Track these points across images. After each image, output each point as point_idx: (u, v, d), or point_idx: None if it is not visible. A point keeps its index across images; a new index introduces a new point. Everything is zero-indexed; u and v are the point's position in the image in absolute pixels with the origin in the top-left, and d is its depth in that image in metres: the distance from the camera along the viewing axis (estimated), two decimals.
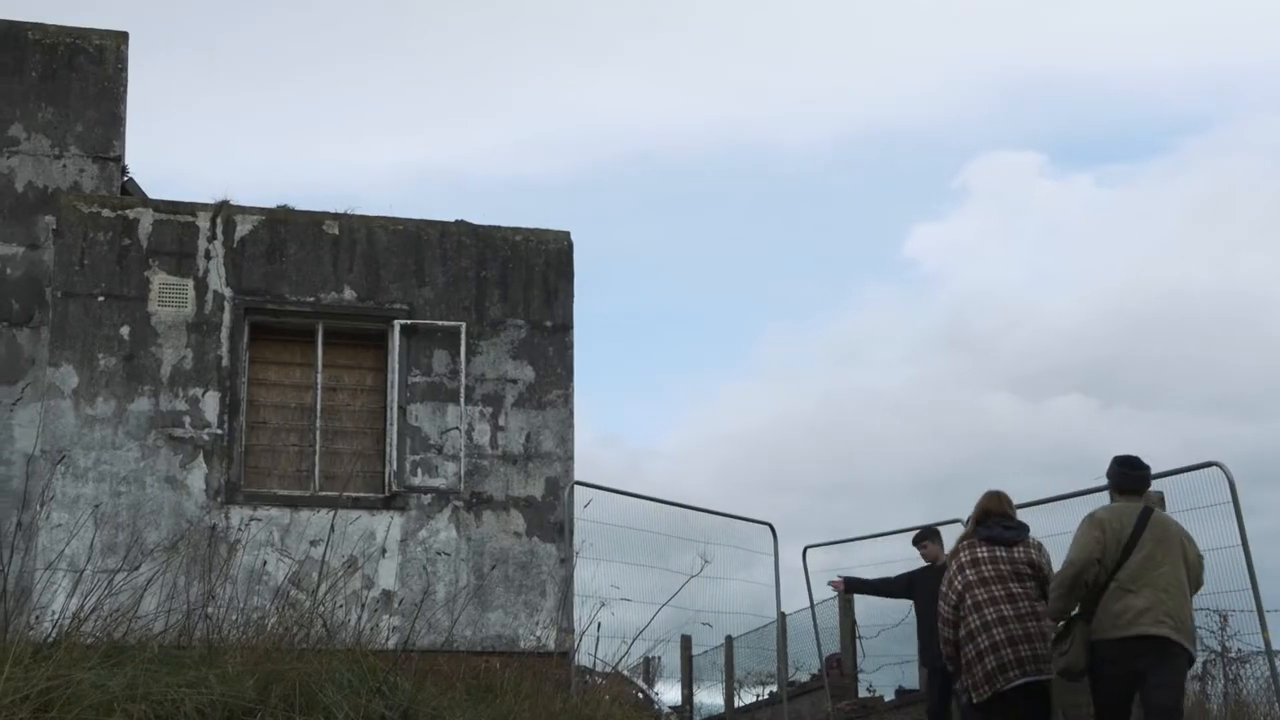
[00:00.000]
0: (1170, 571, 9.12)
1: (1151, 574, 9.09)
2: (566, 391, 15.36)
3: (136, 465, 14.27)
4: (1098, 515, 9.47)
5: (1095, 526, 9.33)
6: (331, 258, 15.05)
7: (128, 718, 7.59)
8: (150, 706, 7.77)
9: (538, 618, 14.88)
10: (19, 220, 14.96)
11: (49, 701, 7.10)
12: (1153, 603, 9.01)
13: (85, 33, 15.42)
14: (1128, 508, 9.41)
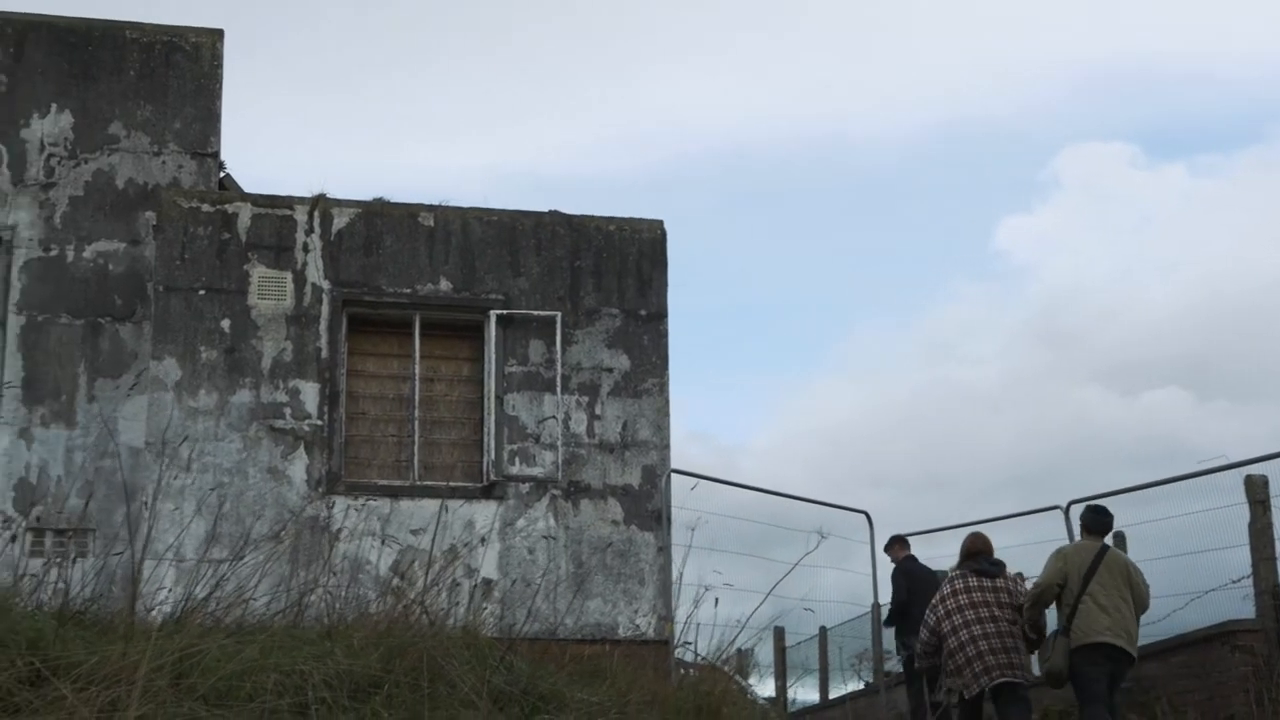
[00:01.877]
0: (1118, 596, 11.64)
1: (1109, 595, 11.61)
2: (662, 380, 15.37)
3: (239, 457, 14.41)
4: (1064, 550, 12.13)
5: (1060, 559, 11.91)
6: (427, 249, 15.15)
7: (259, 689, 7.67)
8: (280, 676, 7.85)
9: (636, 606, 14.89)
10: (120, 217, 15.14)
11: (184, 671, 7.20)
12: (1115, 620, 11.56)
13: (181, 31, 15.60)
14: (1090, 545, 11.93)
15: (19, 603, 8.16)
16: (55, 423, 14.65)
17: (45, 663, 7.16)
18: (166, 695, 7.10)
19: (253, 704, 7.57)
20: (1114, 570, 11.70)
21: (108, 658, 7.32)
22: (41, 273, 14.90)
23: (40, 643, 7.46)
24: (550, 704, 9.12)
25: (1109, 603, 11.56)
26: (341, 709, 8.00)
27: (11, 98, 15.13)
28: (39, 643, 7.47)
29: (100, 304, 14.94)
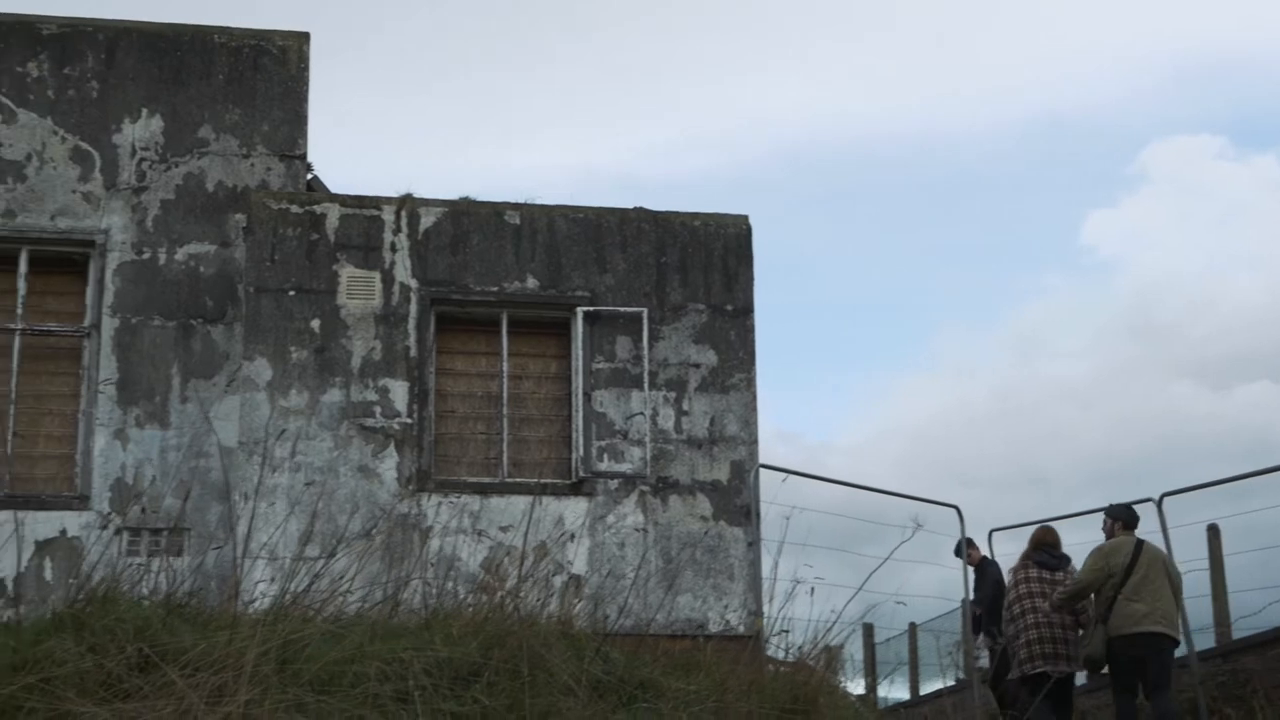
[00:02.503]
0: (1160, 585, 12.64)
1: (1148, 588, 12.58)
2: (749, 375, 15.36)
3: (330, 455, 14.53)
4: (1104, 549, 13.01)
5: (1100, 558, 12.90)
6: (514, 247, 15.21)
7: (362, 676, 7.74)
8: (381, 664, 7.91)
9: (726, 601, 14.87)
10: (210, 219, 15.31)
11: (288, 658, 7.27)
12: (1151, 608, 12.52)
13: (269, 35, 15.76)
14: (1126, 540, 12.96)
15: (125, 593, 8.27)
16: (150, 424, 14.83)
17: (153, 650, 7.25)
18: (272, 681, 7.17)
19: (356, 689, 7.63)
20: (1151, 562, 12.75)
21: (214, 645, 7.40)
22: (134, 276, 15.08)
23: (147, 631, 7.56)
24: (647, 693, 9.14)
25: (1146, 593, 12.60)
26: (442, 697, 8.05)
27: (103, 103, 15.34)
28: (145, 631, 7.57)
29: (192, 306, 15.11)
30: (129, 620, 7.65)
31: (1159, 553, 13.08)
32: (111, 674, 7.12)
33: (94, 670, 7.09)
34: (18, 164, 15.11)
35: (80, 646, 7.22)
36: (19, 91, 15.23)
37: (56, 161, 15.18)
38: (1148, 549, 12.86)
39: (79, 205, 15.16)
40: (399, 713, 7.72)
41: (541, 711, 8.09)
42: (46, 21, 15.44)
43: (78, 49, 15.41)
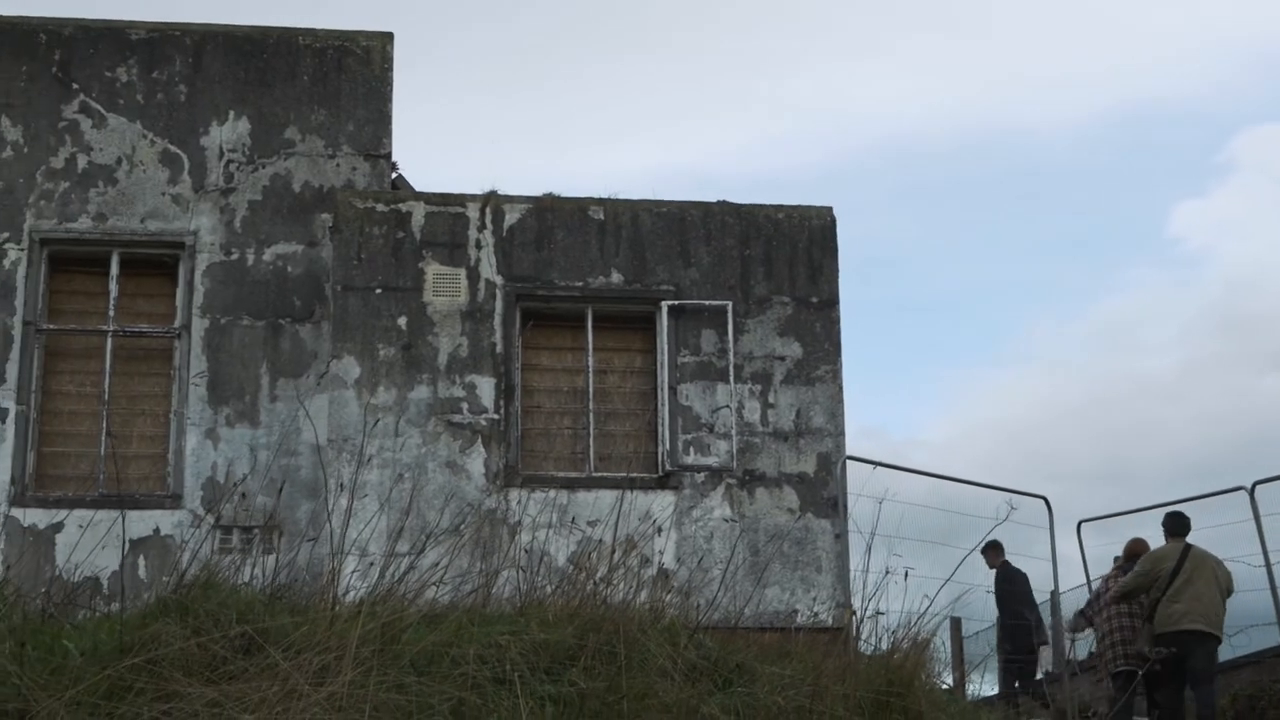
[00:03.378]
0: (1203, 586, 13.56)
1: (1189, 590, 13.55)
2: (835, 367, 15.32)
3: (418, 452, 14.62)
4: (1153, 555, 14.09)
5: (1150, 562, 13.98)
6: (598, 242, 15.26)
7: (461, 658, 7.80)
8: (479, 648, 7.96)
9: (814, 594, 14.84)
10: (297, 219, 15.46)
11: (385, 642, 7.34)
12: (1190, 607, 13.47)
13: (352, 35, 15.90)
14: (1174, 547, 13.91)
15: (224, 580, 8.37)
16: (240, 422, 14.99)
17: (256, 632, 7.33)
18: (373, 663, 7.23)
19: (456, 671, 7.69)
20: (1198, 565, 13.66)
21: (316, 627, 7.48)
22: (223, 276, 15.25)
23: (249, 616, 7.65)
24: (742, 677, 9.14)
25: (1187, 594, 13.55)
26: (539, 680, 8.09)
27: (191, 106, 15.53)
28: (248, 616, 7.66)
29: (280, 305, 15.26)
30: (231, 605, 7.76)
31: (1207, 557, 13.93)
32: (215, 656, 7.22)
33: (198, 652, 7.19)
34: (108, 168, 15.33)
35: (184, 630, 7.32)
36: (109, 96, 15.45)
37: (146, 165, 15.39)
38: (1195, 553, 13.82)
39: (168, 208, 15.35)
40: (497, 695, 7.76)
41: (638, 694, 8.12)
42: (135, 27, 15.65)
43: (165, 53, 15.61)
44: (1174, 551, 13.89)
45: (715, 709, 8.33)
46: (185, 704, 6.70)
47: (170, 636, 7.21)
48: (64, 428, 15.10)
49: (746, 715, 8.48)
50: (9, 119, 15.31)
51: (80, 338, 15.23)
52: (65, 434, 15.09)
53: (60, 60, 15.47)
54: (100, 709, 6.64)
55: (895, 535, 15.05)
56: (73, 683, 6.70)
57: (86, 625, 8.29)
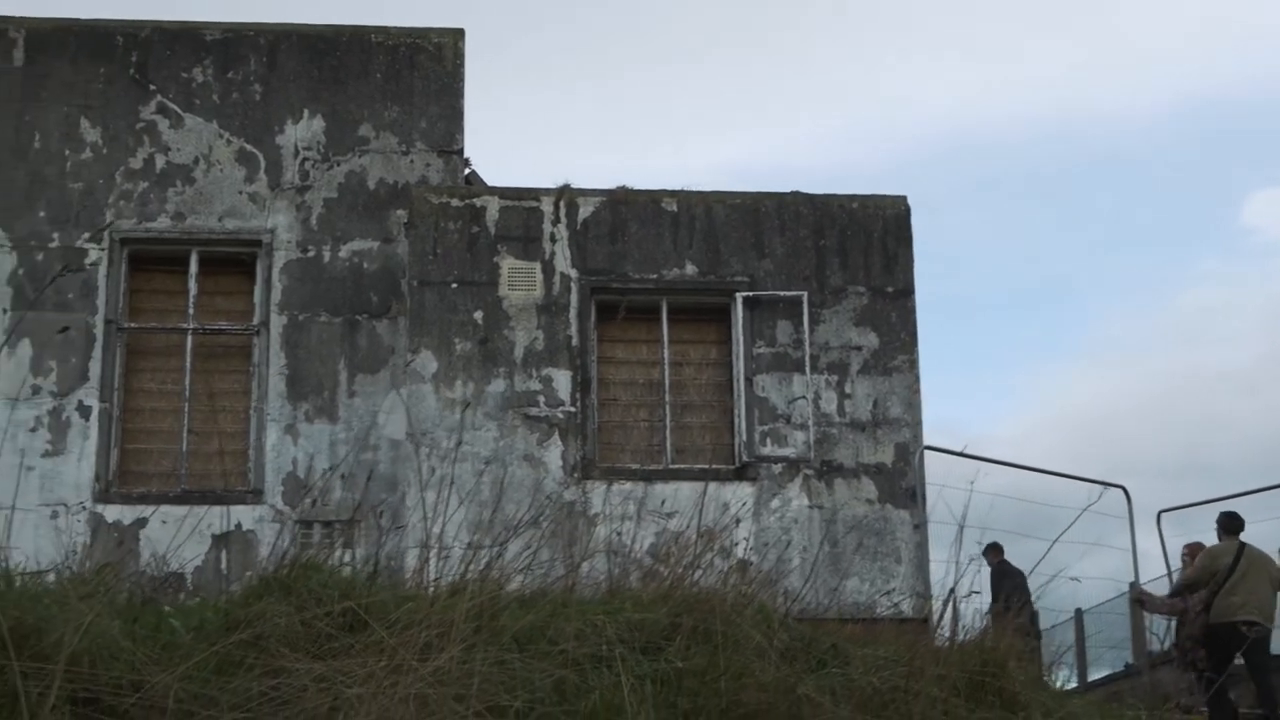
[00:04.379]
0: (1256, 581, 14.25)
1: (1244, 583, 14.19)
2: (911, 356, 15.27)
3: (496, 445, 14.67)
4: (1211, 551, 14.71)
5: (1209, 558, 14.59)
6: (672, 234, 15.28)
7: (560, 636, 7.82)
8: (578, 626, 7.99)
9: (894, 584, 14.78)
10: (372, 216, 15.55)
11: (480, 625, 7.37)
12: (1246, 600, 14.13)
13: (424, 32, 15.99)
14: (1230, 545, 14.48)
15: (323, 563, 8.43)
16: (319, 418, 15.09)
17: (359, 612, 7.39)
18: (476, 640, 7.27)
19: (555, 649, 7.71)
20: (1252, 561, 14.36)
21: (419, 605, 7.53)
22: (300, 273, 15.36)
23: (351, 594, 7.70)
24: (836, 658, 9.12)
25: (1242, 588, 14.19)
26: (635, 659, 8.09)
27: (266, 105, 15.66)
28: (349, 594, 7.71)
29: (356, 301, 15.35)
30: (334, 585, 7.81)
31: (1261, 554, 14.65)
32: (319, 633, 7.27)
33: (302, 629, 7.24)
34: (186, 167, 15.47)
35: (288, 607, 7.38)
36: (185, 97, 15.60)
37: (223, 164, 15.52)
38: (1249, 551, 14.49)
39: (245, 206, 15.48)
40: (595, 673, 7.78)
41: (736, 672, 8.11)
42: (210, 28, 15.80)
43: (240, 53, 15.75)
44: (1230, 548, 14.49)
45: (811, 689, 8.30)
46: (293, 679, 6.75)
47: (275, 614, 7.27)
48: (146, 425, 15.25)
49: (842, 695, 8.45)
50: (88, 120, 15.48)
51: (161, 336, 15.37)
52: (147, 431, 15.24)
53: (137, 62, 15.63)
54: (211, 684, 6.71)
55: (975, 526, 15.04)
56: (183, 659, 6.76)
57: (190, 606, 8.37)
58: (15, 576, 7.47)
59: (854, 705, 8.36)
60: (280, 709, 6.67)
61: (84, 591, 7.15)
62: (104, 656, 6.58)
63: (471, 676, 6.95)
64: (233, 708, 6.60)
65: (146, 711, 6.43)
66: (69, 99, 15.50)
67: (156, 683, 6.48)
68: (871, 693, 8.62)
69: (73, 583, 7.85)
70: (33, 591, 7.25)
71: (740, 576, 14.17)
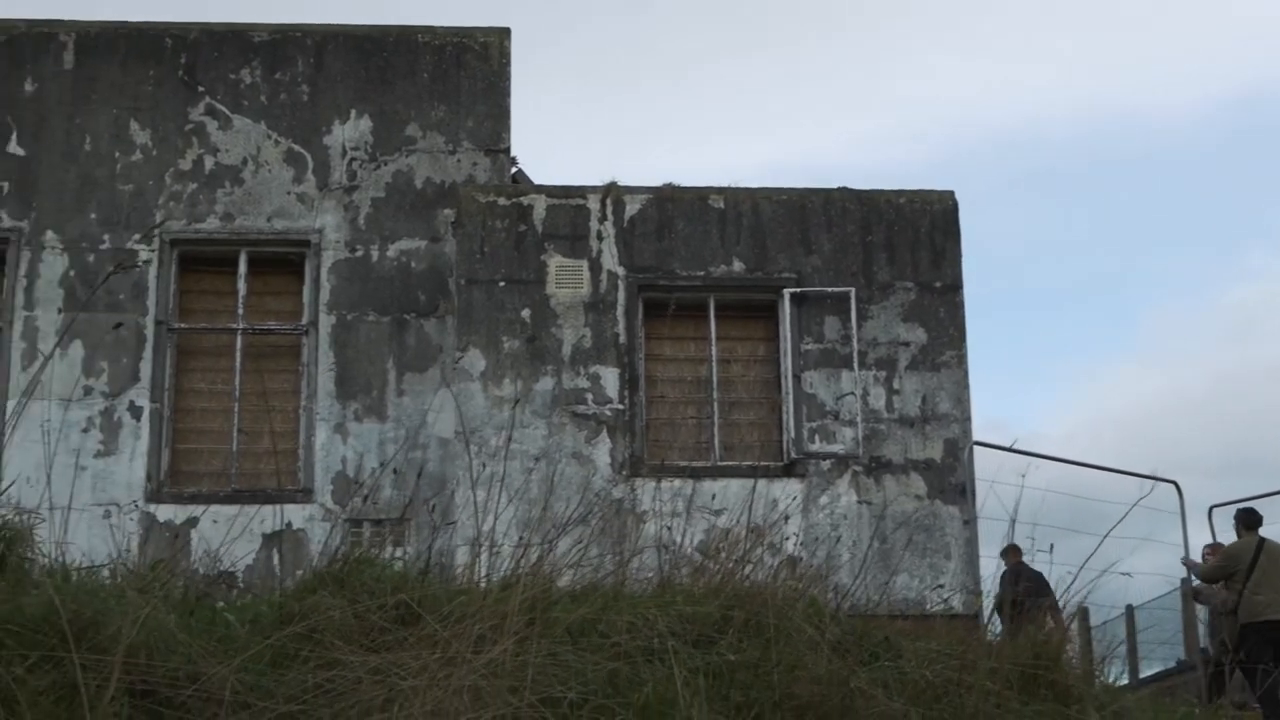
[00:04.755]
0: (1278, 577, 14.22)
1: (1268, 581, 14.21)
2: (960, 352, 15.22)
3: (544, 443, 14.69)
4: (1230, 550, 14.88)
5: (1226, 557, 14.81)
6: (719, 231, 15.28)
7: (612, 628, 7.82)
8: (630, 619, 7.99)
9: (943, 580, 14.73)
10: (419, 215, 15.61)
11: (532, 619, 7.38)
12: (1273, 599, 14.14)
13: (470, 32, 16.04)
14: (1250, 541, 14.55)
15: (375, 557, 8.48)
16: (368, 417, 15.14)
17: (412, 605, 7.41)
18: (530, 633, 7.27)
19: (608, 640, 7.72)
20: (1273, 557, 14.35)
21: (471, 599, 7.54)
22: (348, 273, 15.42)
23: (404, 588, 7.73)
24: (888, 652, 9.10)
25: (1266, 586, 14.23)
26: (687, 652, 8.09)
27: (314, 106, 15.74)
28: (402, 588, 7.74)
29: (404, 301, 15.41)
30: (386, 579, 7.85)
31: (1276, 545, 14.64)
32: (373, 626, 7.29)
33: (356, 623, 7.27)
34: (234, 168, 15.56)
35: (341, 601, 7.41)
36: (233, 98, 15.69)
37: (271, 164, 15.61)
38: (1269, 546, 14.49)
39: (293, 206, 15.56)
40: (648, 665, 7.78)
41: (789, 665, 8.09)
42: (257, 29, 15.89)
43: (287, 54, 15.83)
44: (1250, 544, 14.60)
45: (864, 682, 8.27)
46: (347, 671, 6.77)
47: (329, 607, 7.30)
48: (196, 425, 15.34)
49: (895, 688, 8.42)
50: (137, 122, 15.59)
51: (210, 336, 15.47)
52: (198, 431, 15.33)
53: (186, 64, 15.74)
54: (266, 676, 6.74)
55: (1025, 521, 14.97)
56: (238, 651, 6.80)
57: (244, 602, 8.42)
58: (72, 571, 7.53)
59: (907, 698, 8.32)
60: (335, 701, 6.70)
61: (139, 585, 7.19)
62: (161, 649, 6.62)
63: (525, 668, 6.96)
64: (288, 699, 6.63)
65: (203, 703, 6.47)
66: (119, 101, 15.63)
67: (213, 675, 6.52)
68: (924, 686, 8.58)
69: (128, 578, 7.92)
70: (89, 586, 7.31)
71: (790, 572, 14.20)
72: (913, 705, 8.27)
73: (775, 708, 7.86)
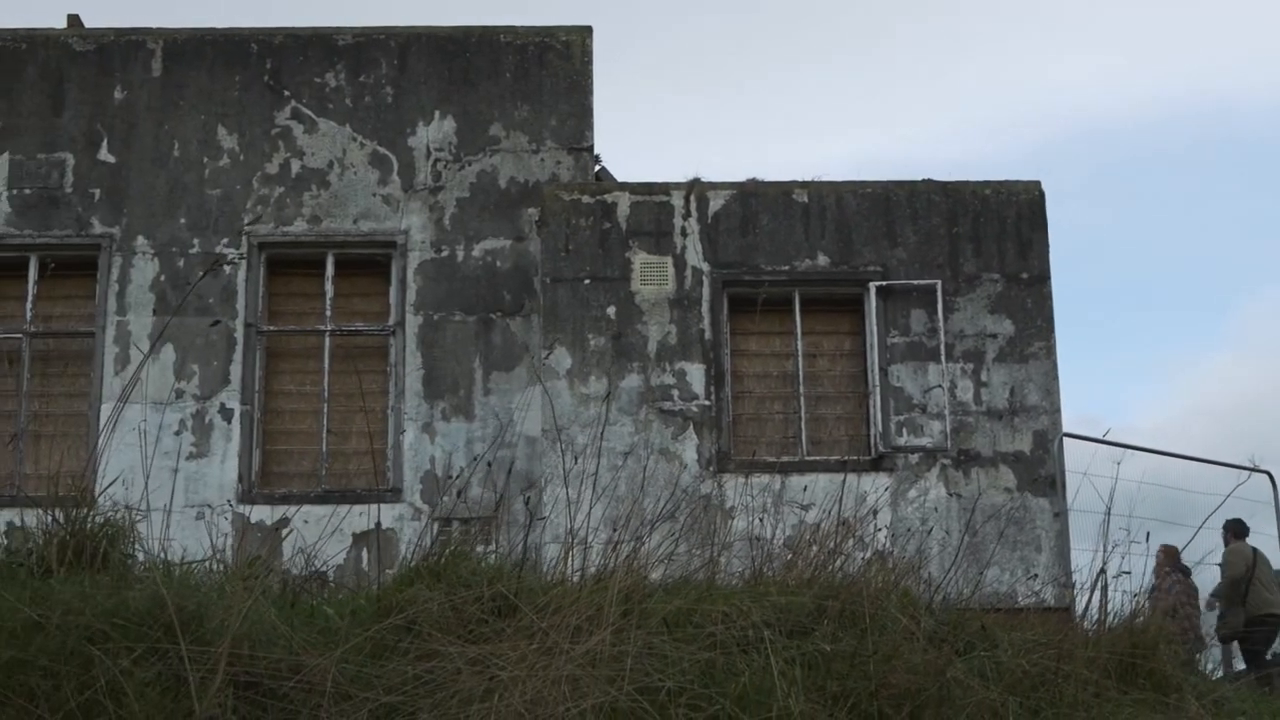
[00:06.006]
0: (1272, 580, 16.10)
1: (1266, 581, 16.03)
2: (1048, 343, 15.10)
3: (631, 440, 14.71)
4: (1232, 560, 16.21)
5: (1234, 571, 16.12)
6: (803, 226, 15.24)
7: (707, 619, 7.83)
8: (724, 609, 8.00)
9: (1035, 573, 14.61)
10: (504, 215, 15.67)
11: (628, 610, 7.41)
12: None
13: (552, 31, 16.09)
14: (1246, 546, 16.21)
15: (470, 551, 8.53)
16: (455, 416, 15.22)
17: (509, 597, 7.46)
18: (623, 625, 7.30)
19: (703, 631, 7.73)
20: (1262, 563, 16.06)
21: (566, 591, 7.58)
22: (434, 273, 15.51)
23: (497, 581, 7.78)
24: (983, 642, 9.05)
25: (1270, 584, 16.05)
26: (782, 643, 8.08)
27: (398, 108, 15.84)
28: (496, 581, 7.78)
29: (490, 300, 15.47)
30: (481, 572, 7.90)
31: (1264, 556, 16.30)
32: (470, 618, 7.34)
33: (453, 615, 7.32)
34: (320, 171, 15.69)
35: (438, 593, 7.46)
36: (319, 102, 15.82)
37: (356, 167, 15.72)
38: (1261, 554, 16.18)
39: (379, 208, 15.66)
40: (743, 656, 7.78)
41: (885, 655, 8.07)
42: (341, 32, 16.01)
43: (371, 57, 15.95)
44: (1248, 550, 16.21)
45: (961, 671, 8.24)
46: (447, 662, 6.82)
47: (426, 600, 7.35)
48: (286, 426, 15.48)
49: (992, 677, 8.38)
50: (224, 128, 15.76)
51: (299, 338, 15.61)
52: (287, 432, 15.47)
53: (271, 68, 15.89)
54: (367, 667, 6.80)
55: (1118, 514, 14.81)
56: (339, 643, 6.86)
57: (341, 597, 8.50)
58: (174, 567, 7.63)
59: (1004, 688, 8.28)
60: (434, 691, 6.75)
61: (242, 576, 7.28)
62: (263, 641, 6.69)
63: (622, 659, 6.98)
64: (388, 690, 6.69)
65: (305, 694, 6.53)
66: (206, 107, 15.80)
67: (314, 666, 6.58)
68: (1021, 675, 8.54)
69: (226, 574, 8.01)
70: (191, 580, 7.39)
71: (880, 566, 14.13)
72: (1010, 694, 8.23)
73: (872, 697, 7.84)
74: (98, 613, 6.67)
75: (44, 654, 6.45)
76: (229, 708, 6.39)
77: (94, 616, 6.64)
